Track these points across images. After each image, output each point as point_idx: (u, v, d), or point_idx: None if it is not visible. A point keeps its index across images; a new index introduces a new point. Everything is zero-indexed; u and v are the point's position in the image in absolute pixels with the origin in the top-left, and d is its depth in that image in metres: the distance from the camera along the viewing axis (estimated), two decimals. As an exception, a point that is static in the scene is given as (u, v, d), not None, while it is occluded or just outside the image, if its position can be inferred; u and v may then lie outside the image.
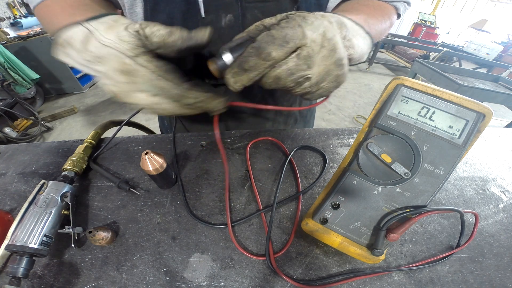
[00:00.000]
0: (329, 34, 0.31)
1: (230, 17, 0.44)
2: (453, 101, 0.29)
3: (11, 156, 0.50)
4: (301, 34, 0.29)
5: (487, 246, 0.39)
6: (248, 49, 0.30)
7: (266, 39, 0.29)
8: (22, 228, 0.32)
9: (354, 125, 2.89)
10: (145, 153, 0.36)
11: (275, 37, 0.29)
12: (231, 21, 0.45)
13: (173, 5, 0.43)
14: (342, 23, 0.34)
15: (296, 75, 0.31)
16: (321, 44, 0.30)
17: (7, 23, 3.53)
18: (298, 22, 0.30)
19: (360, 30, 0.38)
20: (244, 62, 0.30)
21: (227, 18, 0.44)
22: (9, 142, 2.22)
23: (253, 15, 0.45)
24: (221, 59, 0.33)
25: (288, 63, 0.30)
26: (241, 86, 0.32)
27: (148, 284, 0.33)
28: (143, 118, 2.77)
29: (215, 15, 0.44)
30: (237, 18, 0.45)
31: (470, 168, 0.53)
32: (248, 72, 0.31)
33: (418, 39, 5.34)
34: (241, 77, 0.31)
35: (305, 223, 0.35)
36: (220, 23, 0.45)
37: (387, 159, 0.30)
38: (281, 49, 0.29)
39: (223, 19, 0.45)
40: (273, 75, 0.31)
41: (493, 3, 8.53)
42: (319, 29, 0.30)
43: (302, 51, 0.30)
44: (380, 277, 0.35)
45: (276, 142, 0.53)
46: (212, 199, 0.43)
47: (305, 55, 0.30)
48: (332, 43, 0.31)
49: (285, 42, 0.29)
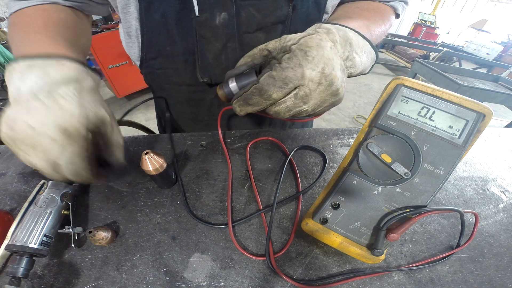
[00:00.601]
0: (327, 70, 0.32)
1: (224, 15, 0.44)
2: (453, 101, 0.29)
3: (11, 156, 0.50)
4: (300, 75, 0.31)
5: (487, 246, 0.39)
6: (252, 89, 0.33)
7: (268, 81, 0.32)
8: (22, 228, 0.32)
9: (354, 125, 2.89)
10: (145, 153, 0.36)
11: (276, 79, 0.31)
12: (226, 19, 0.44)
13: (167, 4, 0.43)
14: (347, 40, 0.35)
15: (293, 111, 0.34)
16: (318, 81, 0.32)
17: (7, 23, 3.54)
18: (299, 60, 0.31)
19: (366, 46, 0.38)
20: (248, 99, 0.34)
21: (221, 16, 0.44)
22: (9, 142, 2.21)
23: (247, 13, 0.45)
24: (228, 86, 0.37)
25: (287, 102, 0.33)
26: (246, 113, 0.36)
27: (148, 284, 0.33)
28: (143, 118, 2.78)
29: (209, 14, 0.44)
30: (232, 16, 0.44)
31: (470, 168, 0.53)
32: (252, 106, 0.35)
33: (418, 39, 5.35)
34: (246, 108, 0.36)
35: (305, 223, 0.35)
36: (215, 21, 0.44)
37: (387, 159, 0.30)
38: (280, 91, 0.32)
39: (217, 18, 0.44)
40: (273, 111, 0.35)
41: (493, 3, 8.53)
42: (318, 66, 0.31)
43: (300, 91, 0.32)
44: (380, 277, 0.35)
45: (276, 142, 0.53)
46: (212, 199, 0.43)
47: (302, 95, 0.33)
48: (330, 78, 0.32)
49: (285, 84, 0.31)
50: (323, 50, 0.32)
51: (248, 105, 0.35)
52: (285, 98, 0.33)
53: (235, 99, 0.36)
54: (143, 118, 2.78)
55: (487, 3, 8.53)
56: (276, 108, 0.34)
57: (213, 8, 0.43)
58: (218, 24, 0.45)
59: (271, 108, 0.35)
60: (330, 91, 0.33)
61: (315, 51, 0.31)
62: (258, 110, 0.35)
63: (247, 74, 0.37)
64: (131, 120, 0.69)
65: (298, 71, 0.31)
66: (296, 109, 0.34)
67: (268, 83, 0.32)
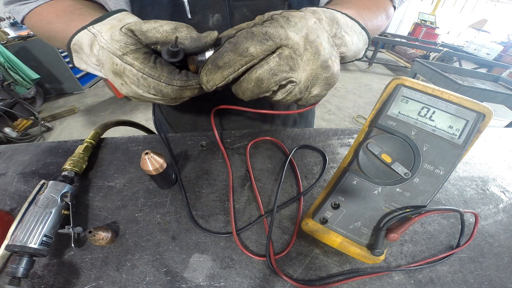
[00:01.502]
0: (311, 36, 0.29)
1: (217, 17, 0.43)
2: (453, 101, 0.29)
3: (11, 156, 0.50)
4: (283, 34, 0.28)
5: (487, 246, 0.39)
6: (225, 44, 0.27)
7: (245, 34, 0.27)
8: (22, 228, 0.32)
9: (354, 125, 2.89)
10: (145, 153, 0.36)
11: (255, 34, 0.27)
12: (219, 21, 0.43)
13: (159, 7, 0.42)
14: (334, 19, 0.33)
15: (279, 76, 0.29)
16: (303, 46, 0.29)
17: (7, 23, 3.54)
18: (280, 23, 0.28)
19: (355, 26, 0.36)
20: (219, 58, 0.27)
21: (214, 18, 0.43)
22: (9, 142, 2.22)
23: (241, 14, 0.44)
24: (204, 55, 0.31)
25: (270, 62, 0.28)
26: (213, 86, 0.29)
27: (148, 284, 0.33)
28: (143, 118, 2.78)
29: (202, 16, 0.42)
30: (225, 17, 0.43)
31: (470, 168, 0.53)
32: (222, 69, 0.28)
33: (418, 39, 5.35)
34: (214, 75, 0.28)
35: (305, 223, 0.35)
36: (208, 23, 0.43)
37: (387, 159, 0.30)
38: (260, 45, 0.27)
39: (210, 20, 0.43)
40: (255, 77, 0.29)
41: (493, 3, 8.53)
42: (302, 31, 0.29)
43: (284, 51, 0.28)
44: (380, 277, 0.35)
45: (276, 142, 0.53)
46: (212, 199, 0.43)
47: (286, 55, 0.28)
48: (315, 45, 0.30)
49: (265, 39, 0.27)
50: (306, 21, 0.30)
51: (217, 69, 0.28)
52: (267, 58, 0.28)
53: (203, 66, 0.29)
54: (143, 118, 2.78)
55: (487, 3, 8.52)
56: (258, 71, 0.28)
57: (206, 10, 0.42)
58: (211, 26, 0.43)
59: (252, 75, 0.29)
60: (318, 62, 0.30)
61: (297, 19, 0.29)
62: (229, 75, 0.28)
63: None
64: (131, 120, 0.69)
65: (281, 31, 0.28)
66: (282, 74, 0.29)
67: (245, 36, 0.27)
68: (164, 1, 0.41)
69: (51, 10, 0.41)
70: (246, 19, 0.42)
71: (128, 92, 0.31)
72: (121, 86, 0.31)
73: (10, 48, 2.66)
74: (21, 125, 2.42)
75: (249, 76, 0.29)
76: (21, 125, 2.41)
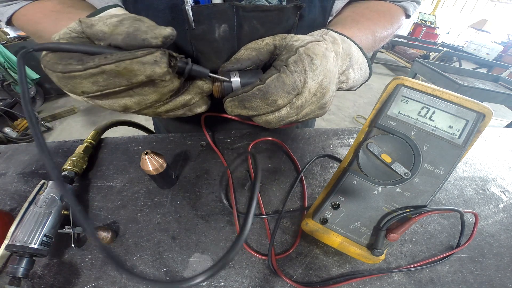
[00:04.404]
0: (325, 82, 0.31)
1: (224, 28, 0.38)
2: (453, 101, 0.29)
3: (11, 156, 0.50)
4: (303, 80, 0.29)
5: (487, 246, 0.39)
6: (254, 90, 0.29)
7: (276, 84, 0.28)
8: (22, 228, 0.32)
9: (354, 125, 2.89)
10: (145, 153, 0.36)
11: (286, 84, 0.28)
12: (226, 32, 0.39)
13: (155, 14, 0.37)
14: (348, 55, 0.34)
15: (284, 122, 0.32)
16: (314, 93, 0.31)
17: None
18: (305, 66, 0.29)
19: (364, 64, 0.37)
20: (247, 101, 0.29)
21: (221, 29, 0.38)
22: (9, 142, 2.22)
23: (250, 26, 0.39)
24: (229, 81, 0.32)
25: (281, 111, 0.30)
26: (235, 115, 0.32)
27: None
28: (143, 118, 2.77)
29: (207, 26, 0.37)
30: (232, 28, 0.38)
31: (470, 168, 0.53)
32: (247, 110, 0.30)
33: (418, 39, 5.35)
34: (239, 110, 0.31)
35: (305, 223, 0.35)
36: (214, 34, 0.38)
37: (387, 159, 0.30)
38: (287, 98, 0.29)
39: (216, 30, 0.38)
40: (264, 120, 0.31)
41: (493, 3, 8.53)
42: (318, 77, 0.30)
43: (297, 100, 0.30)
44: (380, 277, 0.35)
45: (276, 142, 0.53)
46: (212, 199, 0.43)
47: (298, 105, 0.30)
48: (324, 91, 0.31)
49: (293, 90, 0.28)
50: (327, 61, 0.30)
51: (243, 108, 0.30)
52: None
53: (230, 97, 0.31)
54: (143, 118, 2.78)
55: (487, 3, 8.53)
56: (269, 117, 0.31)
57: (211, 20, 0.37)
58: (217, 38, 0.39)
59: (262, 117, 0.31)
60: (319, 103, 0.32)
61: (319, 61, 0.30)
62: (252, 115, 0.31)
63: (253, 71, 0.32)
64: (131, 120, 0.69)
65: (302, 78, 0.29)
66: (287, 120, 0.31)
67: (276, 86, 0.28)
68: (161, 7, 0.37)
69: (37, 10, 0.40)
70: (255, 31, 0.40)
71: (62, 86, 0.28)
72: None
73: (10, 48, 2.66)
74: (21, 125, 2.41)
75: (260, 117, 0.31)
76: (21, 125, 2.41)
